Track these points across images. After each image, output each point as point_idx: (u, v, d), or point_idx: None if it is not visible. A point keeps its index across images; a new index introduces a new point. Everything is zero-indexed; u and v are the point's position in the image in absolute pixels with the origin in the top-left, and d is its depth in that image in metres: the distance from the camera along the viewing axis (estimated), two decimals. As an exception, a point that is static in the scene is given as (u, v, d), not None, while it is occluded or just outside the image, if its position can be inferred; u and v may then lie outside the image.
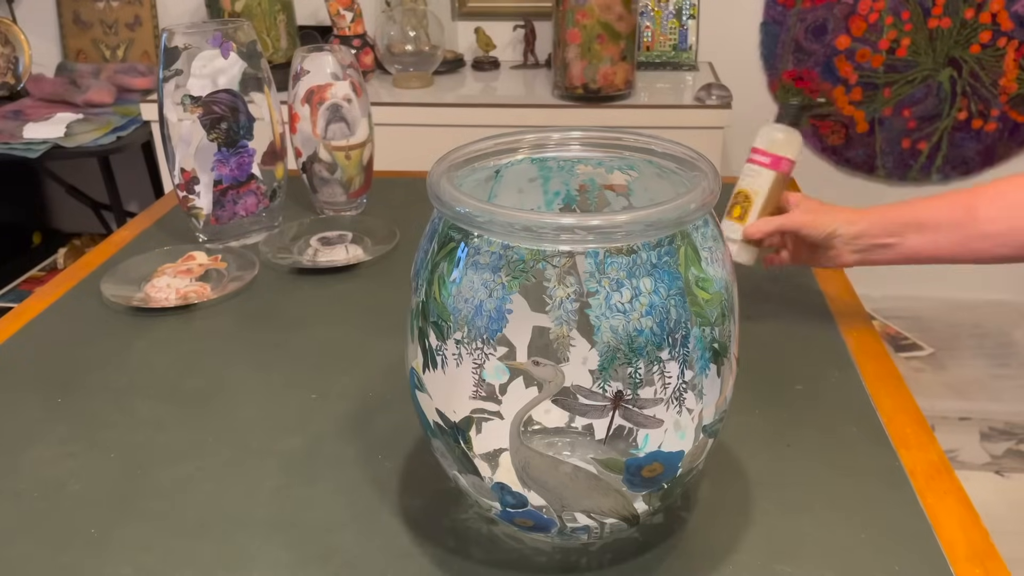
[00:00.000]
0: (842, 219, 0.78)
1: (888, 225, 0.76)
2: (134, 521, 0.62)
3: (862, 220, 0.77)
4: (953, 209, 0.73)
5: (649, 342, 0.48)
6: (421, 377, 0.54)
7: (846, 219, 0.78)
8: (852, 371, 0.79)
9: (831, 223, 0.78)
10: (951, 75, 1.99)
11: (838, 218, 0.78)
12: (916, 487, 0.64)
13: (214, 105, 1.00)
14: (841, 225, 0.78)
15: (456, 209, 0.50)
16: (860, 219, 0.78)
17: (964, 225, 0.72)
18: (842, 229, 0.78)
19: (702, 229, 0.51)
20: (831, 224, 0.78)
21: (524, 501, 0.54)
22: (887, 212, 0.77)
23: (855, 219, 0.78)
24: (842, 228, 0.78)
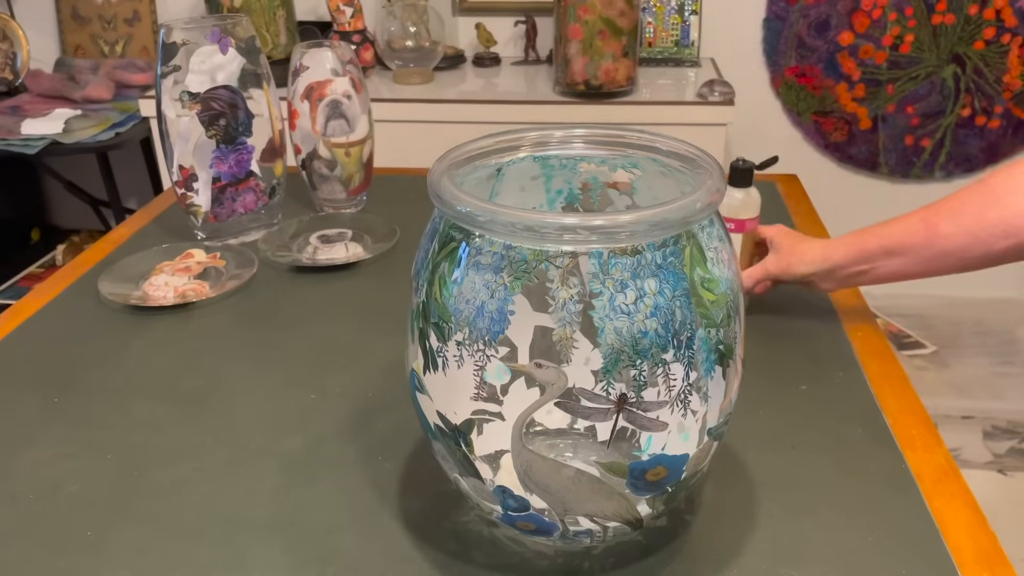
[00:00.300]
0: (811, 260, 0.82)
1: (859, 255, 0.79)
2: (131, 523, 0.61)
3: (834, 254, 0.80)
4: (916, 232, 0.76)
5: (654, 344, 0.48)
6: (422, 379, 0.53)
7: (814, 259, 0.81)
8: (857, 371, 0.78)
9: (800, 269, 0.82)
10: (955, 72, 1.97)
11: (807, 261, 0.82)
12: (923, 490, 0.64)
13: (212, 101, 0.99)
14: (812, 265, 0.81)
15: (457, 208, 0.49)
16: (832, 253, 0.81)
17: (927, 246, 0.75)
18: (815, 268, 0.81)
19: (708, 229, 0.50)
20: (803, 267, 0.82)
21: (526, 505, 0.53)
22: (856, 241, 0.79)
23: (827, 255, 0.81)
24: (815, 267, 0.81)
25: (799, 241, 0.84)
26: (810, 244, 0.82)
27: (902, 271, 0.78)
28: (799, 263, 0.82)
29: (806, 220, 1.13)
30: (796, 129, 2.08)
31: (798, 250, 0.83)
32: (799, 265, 0.82)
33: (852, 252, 0.79)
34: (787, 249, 0.83)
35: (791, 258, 0.82)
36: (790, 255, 0.83)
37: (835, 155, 2.08)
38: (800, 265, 0.82)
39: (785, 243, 0.84)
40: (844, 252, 0.80)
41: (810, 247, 0.82)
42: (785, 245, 0.84)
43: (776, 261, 0.84)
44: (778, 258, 0.84)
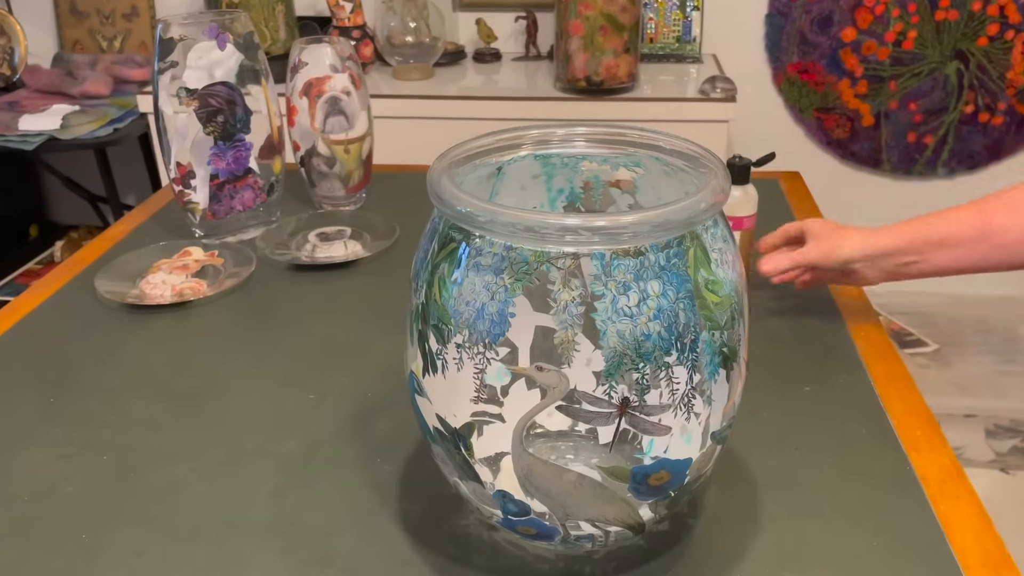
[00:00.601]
0: (856, 245, 0.77)
1: (908, 244, 0.75)
2: (127, 525, 0.61)
3: (882, 239, 0.76)
4: (969, 224, 0.73)
5: (657, 347, 0.47)
6: (421, 381, 0.53)
7: (861, 244, 0.77)
8: (861, 372, 0.77)
9: (846, 252, 0.78)
10: (958, 68, 1.96)
11: (853, 245, 0.78)
12: (928, 492, 0.63)
13: (210, 98, 0.98)
14: (856, 251, 0.77)
15: (457, 208, 0.48)
16: (879, 239, 0.77)
17: (980, 239, 0.72)
18: (858, 254, 0.77)
19: (712, 230, 0.50)
20: (846, 253, 0.78)
21: (527, 509, 0.52)
22: (906, 230, 0.76)
23: (871, 242, 0.77)
24: (858, 253, 0.77)
25: (841, 227, 0.80)
26: (854, 230, 0.79)
27: (952, 264, 0.74)
28: (843, 246, 0.77)
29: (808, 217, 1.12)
30: (798, 126, 2.07)
31: (842, 234, 0.78)
32: (843, 249, 0.77)
33: (901, 240, 0.75)
34: (828, 234, 0.79)
35: (834, 242, 0.78)
36: (833, 239, 0.78)
37: (837, 152, 2.07)
38: (845, 249, 0.77)
39: (825, 229, 0.80)
40: (893, 239, 0.75)
41: (855, 232, 0.78)
42: (825, 231, 0.80)
43: (817, 247, 0.79)
44: (819, 244, 0.79)
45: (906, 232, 0.75)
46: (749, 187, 0.86)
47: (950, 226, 0.74)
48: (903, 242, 0.75)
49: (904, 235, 0.75)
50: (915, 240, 0.75)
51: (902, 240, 0.75)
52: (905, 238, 0.75)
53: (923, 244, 0.75)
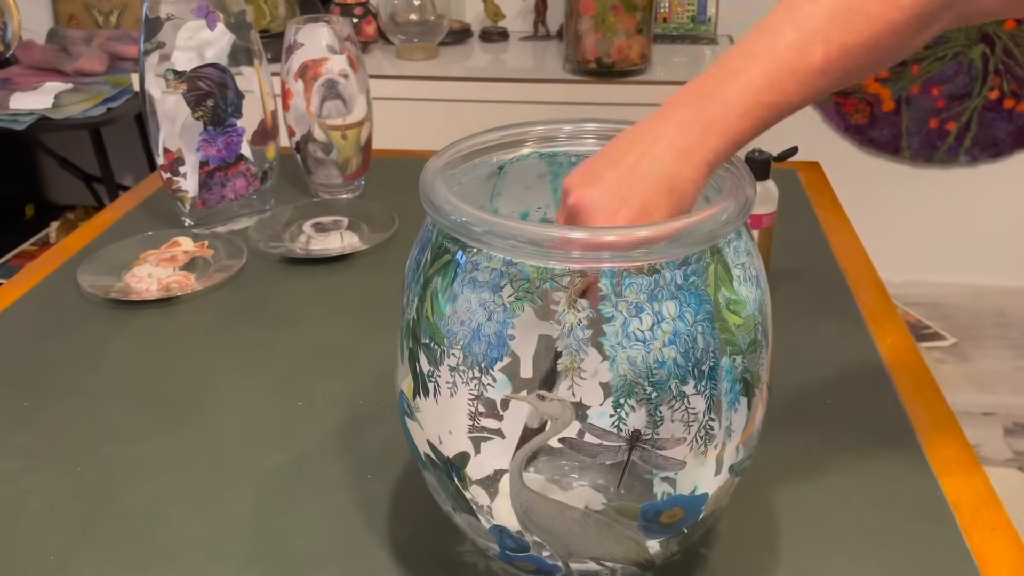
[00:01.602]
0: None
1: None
2: (98, 548, 0.56)
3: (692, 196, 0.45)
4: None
5: (672, 375, 0.42)
6: (411, 403, 0.48)
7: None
8: (886, 383, 0.72)
9: None
10: (983, 52, 1.89)
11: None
12: (960, 522, 0.58)
13: (199, 81, 0.93)
14: None
15: (451, 217, 0.43)
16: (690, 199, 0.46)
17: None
18: None
19: (735, 243, 0.45)
20: None
21: (525, 546, 0.48)
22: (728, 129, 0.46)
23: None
24: None
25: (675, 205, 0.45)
26: (689, 191, 0.46)
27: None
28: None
29: (828, 211, 1.06)
30: (815, 110, 2.01)
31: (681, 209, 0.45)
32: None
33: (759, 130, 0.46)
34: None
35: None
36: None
37: (855, 138, 2.01)
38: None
39: None
40: (744, 142, 0.46)
41: (691, 192, 0.46)
42: None
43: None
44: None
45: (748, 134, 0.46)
46: (769, 183, 0.80)
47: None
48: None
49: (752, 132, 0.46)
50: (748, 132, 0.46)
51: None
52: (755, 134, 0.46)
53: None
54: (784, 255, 0.89)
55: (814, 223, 1.02)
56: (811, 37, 0.44)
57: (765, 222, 0.81)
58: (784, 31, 0.45)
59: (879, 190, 2.04)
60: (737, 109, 0.44)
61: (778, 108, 0.45)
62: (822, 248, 0.95)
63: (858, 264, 0.92)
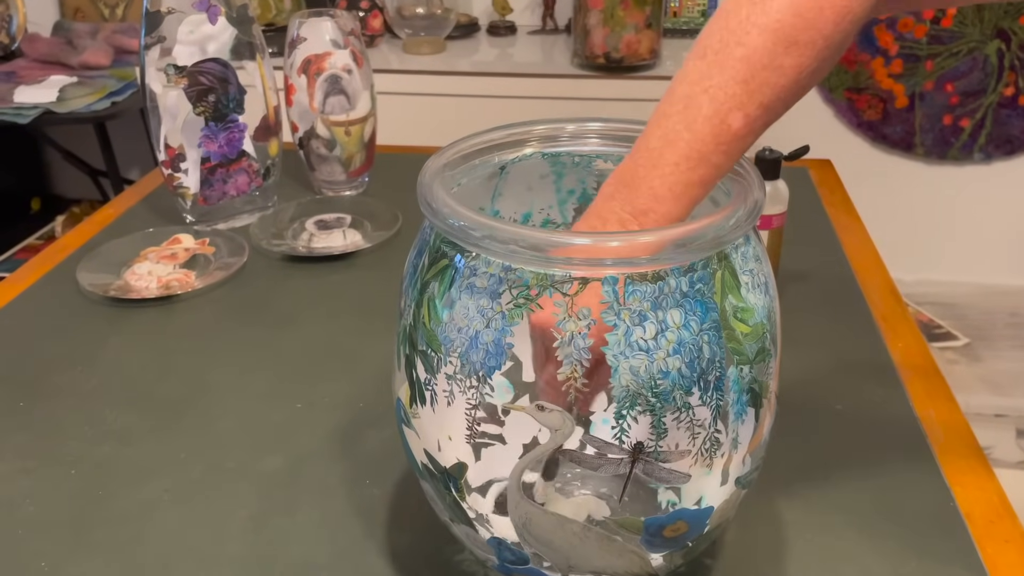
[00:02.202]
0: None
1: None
2: (90, 553, 0.55)
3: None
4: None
5: (677, 386, 0.40)
6: (408, 411, 0.47)
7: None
8: (898, 388, 0.70)
9: None
10: (999, 48, 1.86)
11: None
12: (973, 533, 0.57)
13: (200, 76, 0.92)
14: None
15: (449, 221, 0.42)
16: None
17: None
18: None
19: (742, 249, 0.43)
20: None
21: (524, 558, 0.46)
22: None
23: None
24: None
25: None
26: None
27: None
28: None
29: (839, 210, 1.04)
30: (828, 106, 1.98)
31: None
32: None
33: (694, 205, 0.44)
34: None
35: None
36: None
37: (868, 134, 1.98)
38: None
39: None
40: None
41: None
42: None
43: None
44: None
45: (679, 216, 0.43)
46: (780, 183, 0.79)
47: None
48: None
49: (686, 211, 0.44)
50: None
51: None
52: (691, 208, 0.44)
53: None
54: (794, 255, 0.87)
55: (825, 222, 1.00)
56: (728, 104, 0.42)
57: (775, 222, 0.80)
58: (700, 103, 0.42)
59: (892, 187, 2.02)
60: (668, 196, 0.43)
61: (709, 181, 0.43)
62: (833, 248, 0.93)
63: (869, 265, 0.90)
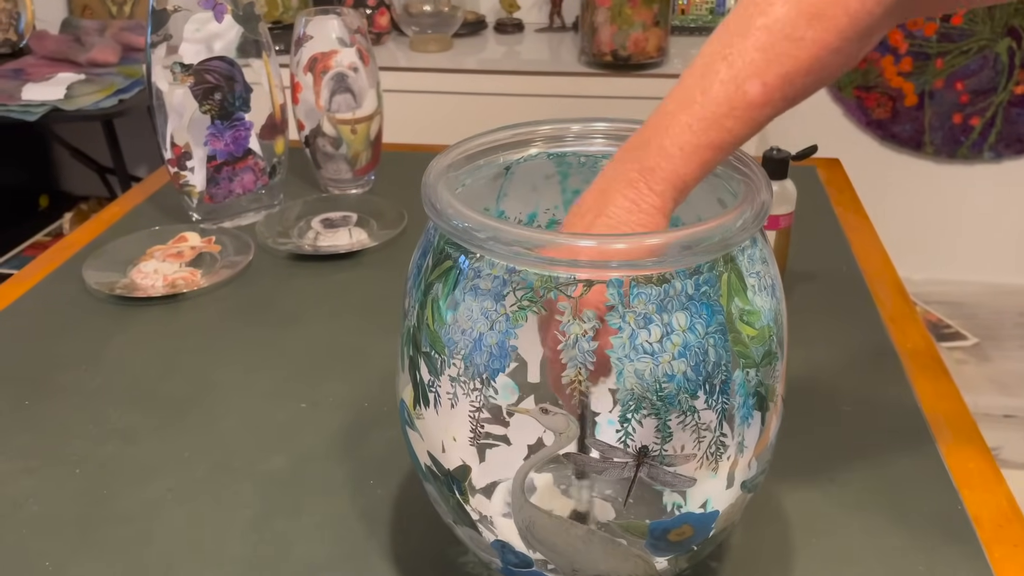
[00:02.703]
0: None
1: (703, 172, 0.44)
2: (94, 553, 0.55)
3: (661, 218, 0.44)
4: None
5: (682, 389, 0.40)
6: (411, 413, 0.46)
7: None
8: (907, 391, 0.70)
9: None
10: (1009, 46, 1.85)
11: None
12: (982, 537, 0.56)
13: (207, 74, 0.92)
14: None
15: (453, 222, 0.42)
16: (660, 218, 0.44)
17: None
18: None
19: (749, 251, 0.43)
20: None
21: (528, 561, 0.46)
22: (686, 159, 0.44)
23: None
24: None
25: None
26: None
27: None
28: None
29: (848, 210, 1.04)
30: (836, 104, 1.97)
31: None
32: None
33: (707, 171, 0.44)
34: None
35: None
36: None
37: (877, 133, 1.97)
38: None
39: None
40: (695, 182, 0.44)
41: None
42: None
43: None
44: None
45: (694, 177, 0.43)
46: (787, 183, 0.78)
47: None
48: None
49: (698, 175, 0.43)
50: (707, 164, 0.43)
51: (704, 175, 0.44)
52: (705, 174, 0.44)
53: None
54: (802, 255, 0.87)
55: (833, 222, 0.99)
56: (746, 71, 0.41)
57: (782, 223, 0.79)
58: (718, 68, 0.42)
59: (901, 186, 2.01)
60: (677, 155, 0.42)
61: (721, 145, 0.43)
62: (841, 248, 0.93)
63: (878, 265, 0.89)
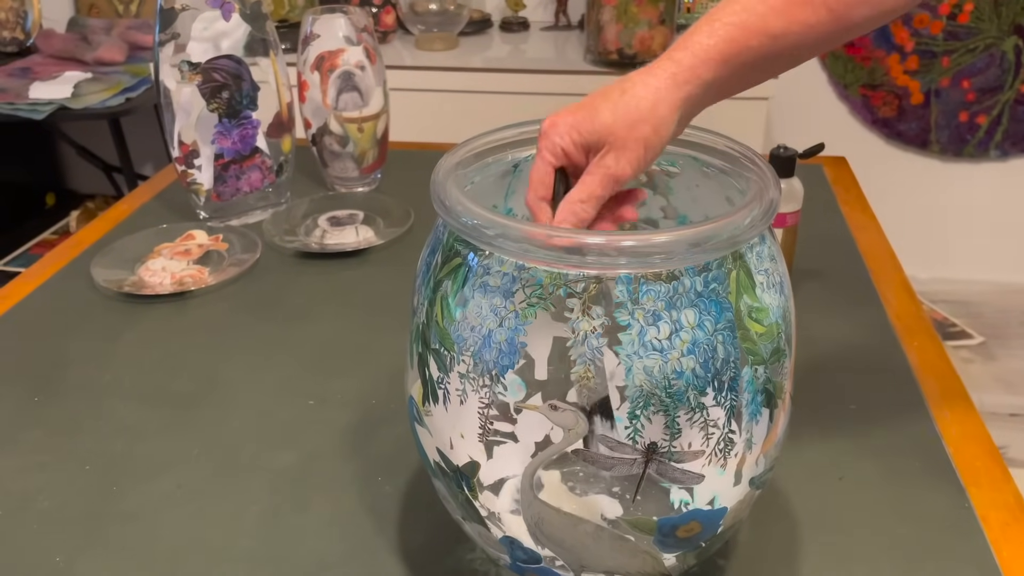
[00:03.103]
0: (671, 116, 0.46)
1: (736, 60, 0.47)
2: (104, 548, 0.56)
3: (695, 86, 0.46)
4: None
5: (690, 386, 0.40)
6: (420, 409, 0.47)
7: (678, 110, 0.47)
8: (913, 389, 0.70)
9: (666, 131, 0.46)
10: (1016, 44, 1.84)
11: (668, 119, 0.46)
12: (989, 536, 0.56)
13: (214, 72, 0.92)
14: (678, 122, 0.47)
15: (462, 219, 0.42)
16: (693, 85, 0.46)
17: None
18: (682, 125, 0.48)
19: (757, 248, 0.43)
20: (667, 131, 0.47)
21: (537, 557, 0.46)
22: (718, 48, 0.46)
23: (684, 94, 0.46)
24: (682, 125, 0.48)
25: (621, 101, 0.46)
26: (641, 88, 0.46)
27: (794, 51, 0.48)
28: (662, 129, 0.46)
29: (854, 208, 1.04)
30: (842, 103, 1.97)
31: (642, 114, 0.45)
32: (663, 130, 0.46)
33: (731, 53, 0.46)
34: (625, 128, 0.46)
35: (644, 134, 0.46)
36: (640, 130, 0.45)
37: (883, 131, 1.97)
38: (664, 129, 0.46)
39: (616, 123, 0.46)
40: (712, 69, 0.46)
41: (648, 95, 0.46)
42: (618, 125, 0.46)
43: (625, 155, 0.46)
44: (625, 151, 0.46)
45: (718, 50, 0.46)
46: (794, 181, 0.78)
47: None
48: (734, 50, 0.46)
49: (733, 46, 0.46)
50: (748, 46, 0.46)
51: (731, 50, 0.46)
52: (735, 47, 0.46)
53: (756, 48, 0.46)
54: (808, 254, 0.87)
55: (839, 220, 0.99)
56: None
57: (789, 221, 0.79)
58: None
59: (907, 185, 2.00)
60: (703, 28, 0.46)
61: (746, 27, 0.45)
62: (848, 246, 0.93)
63: (884, 264, 0.89)
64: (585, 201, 0.46)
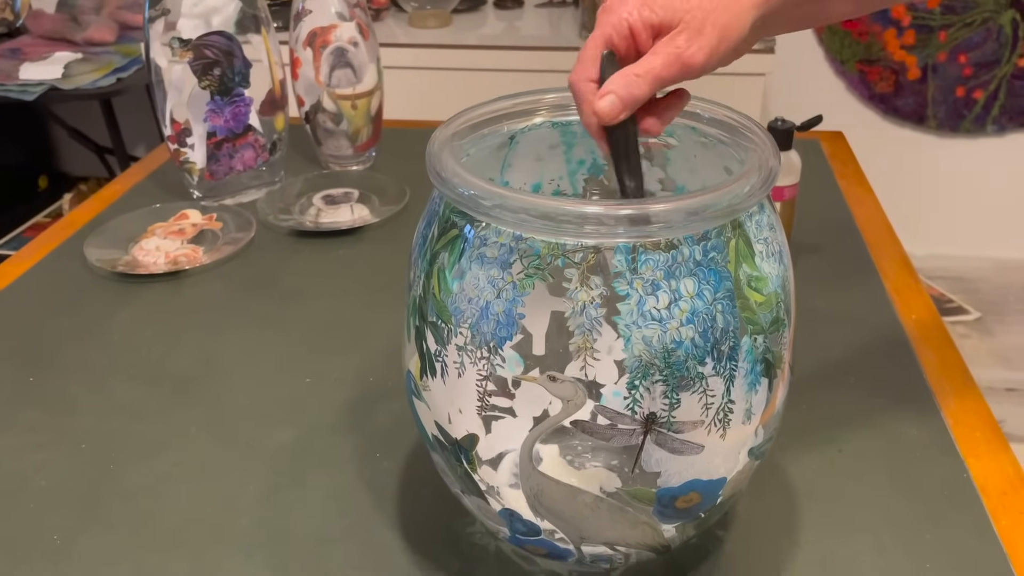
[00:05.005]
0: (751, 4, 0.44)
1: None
2: (102, 527, 0.56)
3: None
4: None
5: (689, 356, 0.40)
6: (418, 383, 0.46)
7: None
8: (912, 361, 0.70)
9: (746, 19, 0.44)
10: (1013, 18, 1.83)
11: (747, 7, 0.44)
12: (988, 505, 0.56)
13: (206, 49, 0.91)
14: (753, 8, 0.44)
15: (459, 190, 0.41)
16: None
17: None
18: (759, 11, 0.45)
19: (757, 217, 0.42)
20: (746, 15, 0.44)
21: (536, 529, 0.46)
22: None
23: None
24: (759, 10, 0.44)
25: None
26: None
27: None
28: (742, 16, 0.43)
29: (852, 182, 1.03)
30: (839, 78, 1.96)
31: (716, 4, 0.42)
32: (742, 19, 0.43)
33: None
34: (705, 12, 0.42)
35: (724, 20, 0.42)
36: (719, 13, 0.42)
37: (880, 107, 1.96)
38: (744, 18, 0.43)
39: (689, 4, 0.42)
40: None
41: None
42: (693, 6, 0.42)
43: (698, 39, 0.42)
44: (701, 34, 0.42)
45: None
46: (792, 154, 0.78)
47: None
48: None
49: None
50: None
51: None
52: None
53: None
54: (806, 228, 0.87)
55: (837, 195, 0.99)
56: None
57: (787, 194, 0.79)
58: None
59: (903, 160, 2.00)
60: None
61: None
62: (845, 220, 0.93)
63: (882, 237, 0.89)
64: (641, 76, 0.40)
